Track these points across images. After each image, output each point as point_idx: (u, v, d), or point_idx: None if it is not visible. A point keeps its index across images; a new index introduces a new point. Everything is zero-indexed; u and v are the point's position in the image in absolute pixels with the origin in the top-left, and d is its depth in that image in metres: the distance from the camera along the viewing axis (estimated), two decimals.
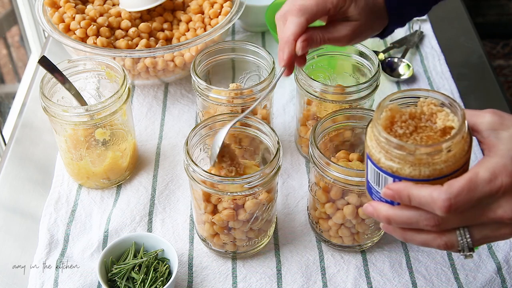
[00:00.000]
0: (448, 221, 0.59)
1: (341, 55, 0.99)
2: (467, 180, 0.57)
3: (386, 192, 0.60)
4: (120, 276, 0.81)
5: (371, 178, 0.63)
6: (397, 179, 0.59)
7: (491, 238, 0.60)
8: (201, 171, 0.77)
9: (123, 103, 0.90)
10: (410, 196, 0.58)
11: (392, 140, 0.58)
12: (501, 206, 0.57)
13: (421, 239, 0.61)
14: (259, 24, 1.27)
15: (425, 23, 1.32)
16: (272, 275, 0.86)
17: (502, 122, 0.60)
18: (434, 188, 0.57)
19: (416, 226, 0.60)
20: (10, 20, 1.86)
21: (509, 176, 0.56)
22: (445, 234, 0.60)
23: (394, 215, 0.61)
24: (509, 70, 2.52)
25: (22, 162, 1.03)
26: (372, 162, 0.61)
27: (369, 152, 0.61)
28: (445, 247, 0.60)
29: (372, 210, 0.62)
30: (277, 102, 1.12)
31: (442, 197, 0.56)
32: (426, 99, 0.62)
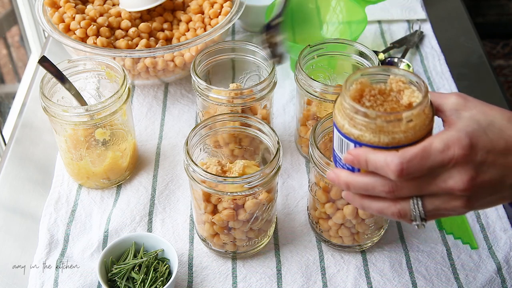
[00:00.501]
0: (401, 188, 0.61)
1: (341, 55, 0.99)
2: (421, 148, 0.59)
3: (347, 157, 0.63)
4: (120, 276, 0.81)
5: (336, 146, 0.66)
6: (358, 145, 0.62)
7: (442, 210, 0.62)
8: (201, 171, 0.77)
9: (123, 103, 0.90)
10: (367, 160, 0.61)
11: (355, 106, 0.61)
12: (452, 177, 0.59)
13: (377, 206, 0.63)
14: (259, 24, 1.27)
15: (425, 23, 1.32)
16: (272, 275, 0.86)
17: (465, 104, 0.63)
18: (389, 153, 0.60)
19: (373, 193, 0.63)
20: (10, 20, 1.86)
21: (461, 148, 0.58)
22: (399, 202, 0.62)
23: (353, 180, 0.63)
24: (509, 70, 2.52)
25: (22, 162, 1.03)
26: (337, 129, 0.64)
27: (335, 120, 0.65)
28: (399, 215, 0.62)
29: (334, 176, 0.65)
30: (277, 102, 1.12)
31: (395, 161, 0.59)
32: (396, 76, 0.65)
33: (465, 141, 0.59)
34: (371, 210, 0.64)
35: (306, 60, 0.97)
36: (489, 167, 0.59)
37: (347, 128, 0.63)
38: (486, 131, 0.60)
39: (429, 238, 0.91)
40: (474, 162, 0.59)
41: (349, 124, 0.62)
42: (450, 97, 0.64)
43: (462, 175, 0.59)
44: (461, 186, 0.59)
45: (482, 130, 0.60)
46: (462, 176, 0.59)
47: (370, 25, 1.31)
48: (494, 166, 0.60)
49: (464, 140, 0.59)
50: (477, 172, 0.59)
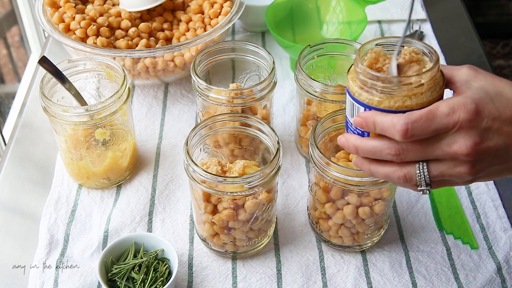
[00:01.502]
0: (407, 151, 0.62)
1: (341, 55, 0.99)
2: (427, 111, 0.60)
3: (356, 119, 0.65)
4: (120, 276, 0.81)
5: (347, 111, 0.68)
6: (368, 109, 0.64)
7: (447, 176, 0.63)
8: (201, 171, 0.77)
9: (123, 103, 0.90)
10: (375, 122, 0.63)
11: (367, 70, 0.63)
12: (456, 141, 0.60)
13: (384, 171, 0.65)
14: (259, 24, 1.27)
15: (425, 23, 1.32)
16: (272, 275, 0.86)
17: (475, 75, 0.64)
18: (396, 115, 0.62)
19: (380, 156, 0.64)
20: (10, 20, 1.86)
21: (467, 113, 0.59)
22: (405, 166, 0.64)
23: (361, 143, 0.65)
24: (509, 70, 2.52)
25: (22, 162, 1.03)
26: (349, 94, 0.66)
27: (348, 85, 0.67)
28: (404, 179, 0.64)
29: (344, 140, 0.67)
30: (277, 102, 1.12)
31: (401, 121, 0.60)
32: (409, 47, 0.67)
33: (471, 106, 0.60)
34: (378, 175, 0.66)
35: (306, 60, 0.97)
36: (494, 134, 0.60)
37: (359, 92, 0.65)
38: (493, 99, 0.61)
39: (429, 238, 0.91)
40: (479, 128, 0.60)
41: (360, 88, 0.64)
42: (461, 68, 0.65)
43: (466, 140, 0.60)
44: (465, 151, 0.60)
45: (489, 98, 0.61)
46: (466, 141, 0.60)
47: (370, 25, 1.31)
48: (499, 133, 0.60)
49: (470, 105, 0.60)
50: (481, 138, 0.60)
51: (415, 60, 0.66)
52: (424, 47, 0.67)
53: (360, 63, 0.65)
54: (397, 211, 0.94)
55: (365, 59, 0.67)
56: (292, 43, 1.11)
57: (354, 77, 0.66)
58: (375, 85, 0.63)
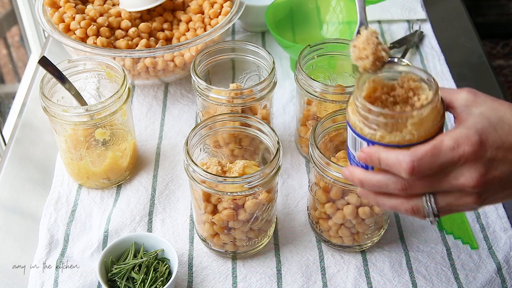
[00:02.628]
0: (414, 186, 0.62)
1: (341, 55, 0.99)
2: (431, 146, 0.60)
3: (360, 155, 0.64)
4: (120, 276, 0.81)
5: (349, 144, 0.67)
6: (371, 143, 0.63)
7: (455, 206, 0.63)
8: (201, 171, 0.77)
9: (123, 103, 0.90)
10: (380, 159, 0.62)
11: (367, 105, 0.62)
12: (463, 174, 0.60)
13: (391, 203, 0.64)
14: (259, 24, 1.27)
15: (425, 23, 1.32)
16: (272, 275, 0.86)
17: (475, 100, 0.63)
18: (401, 151, 0.61)
19: (386, 190, 0.64)
20: (10, 20, 1.86)
21: (471, 145, 0.59)
22: (412, 199, 0.63)
23: (367, 178, 0.65)
24: (509, 70, 2.52)
25: (22, 162, 1.03)
26: (350, 128, 0.66)
27: (348, 118, 0.66)
28: (412, 211, 0.63)
29: (348, 173, 0.67)
30: (277, 102, 1.12)
31: (407, 159, 0.60)
32: (407, 74, 0.66)
33: (475, 138, 0.59)
34: (385, 206, 0.65)
35: (306, 60, 0.97)
36: (499, 163, 0.60)
37: (360, 126, 0.64)
38: (496, 127, 0.60)
39: (429, 238, 0.91)
40: (484, 159, 0.59)
41: (361, 123, 0.64)
42: (461, 92, 0.64)
43: (472, 173, 0.60)
44: (472, 183, 0.60)
45: (492, 127, 0.60)
46: (473, 174, 0.60)
47: (370, 25, 1.30)
48: (504, 162, 0.60)
49: (473, 137, 0.59)
50: (487, 169, 0.60)
51: (413, 88, 0.65)
52: (423, 73, 0.65)
53: (359, 97, 0.63)
54: None
55: (363, 89, 0.65)
56: (292, 43, 1.11)
57: (354, 109, 0.65)
58: (376, 120, 0.62)
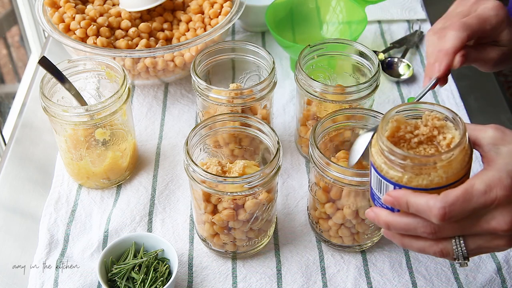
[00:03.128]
0: (444, 229, 0.61)
1: (341, 55, 0.99)
2: (463, 191, 0.59)
3: (386, 198, 0.62)
4: (120, 276, 0.81)
5: (374, 185, 0.65)
6: (398, 186, 0.62)
7: (485, 248, 0.62)
8: (201, 171, 0.77)
9: (123, 103, 0.90)
10: (408, 203, 0.61)
11: (393, 148, 0.60)
12: (495, 217, 0.59)
13: (418, 246, 0.63)
14: (259, 24, 1.27)
15: (425, 23, 1.32)
16: (272, 275, 0.86)
17: (503, 138, 0.62)
18: (431, 196, 0.59)
19: (414, 233, 0.62)
20: (10, 20, 1.86)
21: (503, 189, 0.58)
22: (441, 242, 0.62)
23: (393, 221, 0.63)
24: (509, 70, 2.52)
25: (22, 162, 1.03)
26: (375, 170, 0.63)
27: (372, 160, 0.64)
28: (441, 254, 0.62)
29: (374, 215, 0.65)
30: (277, 102, 1.12)
31: (438, 205, 0.58)
32: (431, 112, 0.64)
33: (507, 181, 0.58)
34: (412, 248, 0.64)
35: (306, 60, 0.97)
36: None
37: (386, 170, 0.62)
38: None
39: None
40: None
41: (387, 166, 0.62)
42: (487, 130, 0.63)
43: (505, 216, 0.59)
44: (504, 227, 0.59)
45: None
46: (505, 217, 0.59)
47: (370, 25, 1.31)
48: None
49: (506, 181, 0.58)
50: None
51: (438, 127, 0.63)
52: (447, 112, 0.64)
53: (384, 139, 0.61)
54: None
55: (386, 129, 0.64)
56: (292, 43, 1.11)
57: (378, 151, 0.63)
58: (403, 163, 0.60)
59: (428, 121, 0.64)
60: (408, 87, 1.17)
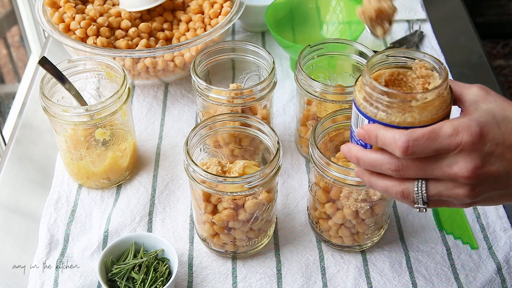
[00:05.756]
0: (407, 168, 0.62)
1: (341, 55, 0.99)
2: (430, 130, 0.60)
3: (359, 131, 0.65)
4: (120, 276, 0.81)
5: (352, 121, 0.68)
6: (372, 121, 0.64)
7: (445, 196, 0.62)
8: (201, 171, 0.77)
9: (123, 103, 0.90)
10: (377, 136, 0.63)
11: (373, 83, 0.63)
12: (457, 162, 0.60)
13: (383, 184, 0.65)
14: (259, 24, 1.27)
15: (425, 23, 1.32)
16: (272, 275, 0.86)
17: (485, 97, 0.63)
18: (398, 131, 0.61)
19: (380, 170, 0.64)
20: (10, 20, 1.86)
21: (470, 135, 0.59)
22: (404, 182, 0.63)
23: (363, 155, 0.65)
24: (509, 70, 2.52)
25: (22, 162, 1.03)
26: (355, 105, 0.66)
27: (354, 96, 0.67)
28: (402, 195, 0.63)
29: (347, 149, 0.68)
30: (277, 102, 1.12)
31: (403, 138, 0.60)
32: (420, 61, 0.66)
33: (475, 129, 0.59)
34: (377, 187, 0.66)
35: (306, 60, 0.97)
36: (496, 159, 0.60)
37: (364, 104, 0.64)
38: (500, 124, 0.60)
39: (429, 238, 0.91)
40: (481, 152, 0.59)
41: (366, 101, 0.64)
42: (472, 88, 0.64)
43: (467, 163, 0.59)
44: (465, 174, 0.59)
45: (495, 123, 0.60)
46: (468, 164, 0.59)
47: None
48: (502, 159, 0.60)
49: (474, 128, 0.59)
50: (483, 162, 0.59)
51: (424, 75, 0.65)
52: (435, 62, 0.66)
53: (367, 75, 0.64)
54: (397, 211, 0.94)
55: (373, 70, 0.66)
56: (292, 43, 1.11)
57: (361, 87, 0.65)
58: (380, 99, 0.62)
59: (417, 70, 0.66)
60: None
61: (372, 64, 0.66)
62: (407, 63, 0.67)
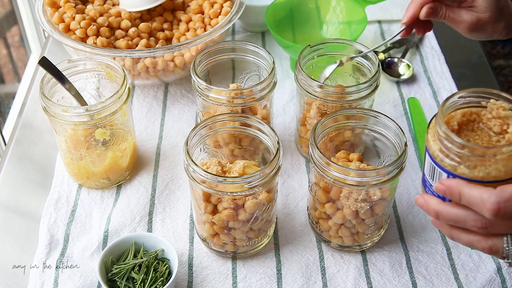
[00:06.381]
0: (496, 225, 0.58)
1: (341, 55, 0.99)
2: None
3: (439, 186, 0.60)
4: (120, 276, 0.81)
5: (427, 171, 0.63)
6: (451, 175, 0.59)
7: None
8: (201, 171, 0.77)
9: (123, 103, 0.90)
10: (461, 194, 0.58)
11: (451, 136, 0.58)
12: None
13: (467, 239, 0.61)
14: (259, 24, 1.27)
15: None
16: (272, 275, 0.86)
17: None
18: (485, 189, 0.57)
19: (463, 225, 0.60)
20: (10, 20, 1.86)
21: None
22: (491, 238, 0.60)
23: (444, 210, 0.61)
24: (509, 70, 2.52)
25: (22, 162, 1.03)
26: (430, 156, 0.61)
27: (428, 145, 0.62)
28: (490, 251, 0.60)
29: (423, 202, 0.63)
30: (277, 102, 1.12)
31: (492, 199, 0.56)
32: (496, 101, 0.62)
33: None
34: (459, 241, 0.62)
35: (306, 60, 0.97)
36: None
37: (441, 157, 0.60)
38: None
39: (429, 238, 0.91)
40: None
41: (442, 153, 0.60)
42: None
43: None
44: None
45: None
46: None
47: (370, 25, 1.31)
48: None
49: None
50: None
51: (502, 117, 0.61)
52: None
53: (443, 125, 0.58)
54: (397, 211, 0.94)
55: (446, 115, 0.61)
56: (292, 43, 1.11)
57: (435, 136, 0.60)
58: (460, 152, 0.58)
59: (493, 110, 0.61)
60: (408, 87, 1.17)
61: (445, 110, 0.61)
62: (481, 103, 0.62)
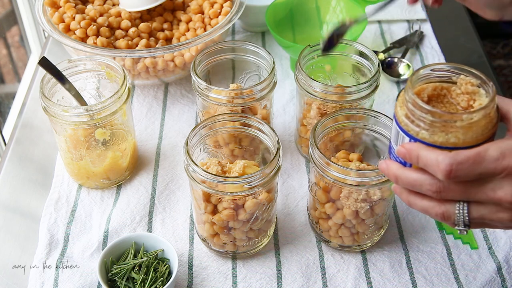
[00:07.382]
0: (448, 190, 0.60)
1: (341, 55, 0.99)
2: (475, 153, 0.57)
3: (399, 149, 0.62)
4: (120, 276, 0.81)
5: (393, 138, 0.66)
6: (413, 140, 0.61)
7: (488, 219, 0.60)
8: (201, 171, 0.77)
9: (123, 103, 0.90)
10: (418, 156, 0.60)
11: (416, 100, 0.60)
12: (502, 187, 0.58)
13: (422, 204, 0.63)
14: (259, 24, 1.27)
15: (425, 23, 1.32)
16: (272, 275, 0.86)
17: None
18: (441, 152, 0.59)
19: (419, 190, 0.62)
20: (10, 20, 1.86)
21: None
22: (444, 203, 0.61)
23: (402, 174, 0.63)
24: (509, 70, 2.52)
25: (22, 162, 1.03)
26: (395, 121, 0.64)
27: (395, 112, 0.64)
28: (442, 216, 0.61)
29: (385, 166, 0.65)
30: (277, 102, 1.12)
31: (446, 161, 0.57)
32: (466, 77, 0.63)
33: None
34: (416, 207, 0.64)
35: (306, 60, 0.97)
36: None
37: (405, 122, 0.62)
38: None
39: (429, 238, 0.91)
40: None
41: (408, 118, 0.62)
42: None
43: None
44: (510, 199, 0.57)
45: None
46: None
47: (370, 25, 1.31)
48: None
49: None
50: None
51: (470, 92, 0.62)
52: (482, 79, 0.62)
53: (410, 91, 0.61)
54: (397, 211, 0.94)
55: (416, 86, 0.64)
56: (292, 43, 1.11)
57: (403, 103, 0.63)
58: (423, 117, 0.60)
59: (462, 86, 0.63)
60: None
61: (415, 79, 0.63)
62: (452, 78, 0.64)
